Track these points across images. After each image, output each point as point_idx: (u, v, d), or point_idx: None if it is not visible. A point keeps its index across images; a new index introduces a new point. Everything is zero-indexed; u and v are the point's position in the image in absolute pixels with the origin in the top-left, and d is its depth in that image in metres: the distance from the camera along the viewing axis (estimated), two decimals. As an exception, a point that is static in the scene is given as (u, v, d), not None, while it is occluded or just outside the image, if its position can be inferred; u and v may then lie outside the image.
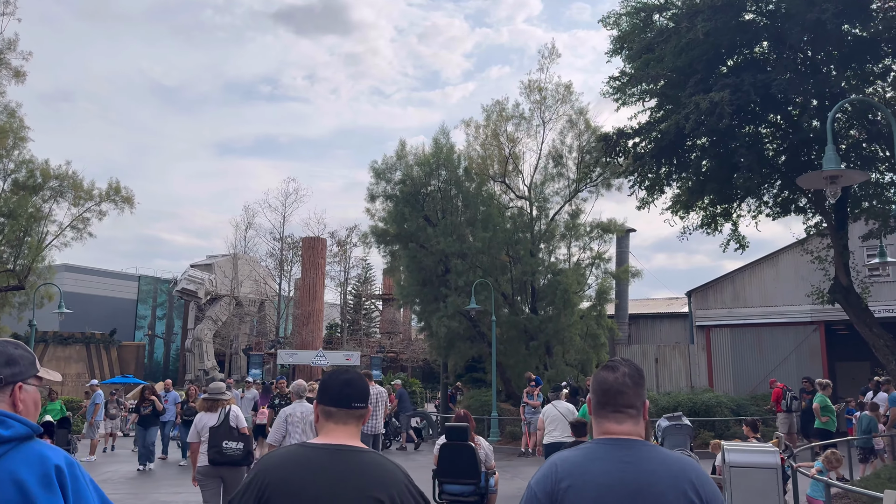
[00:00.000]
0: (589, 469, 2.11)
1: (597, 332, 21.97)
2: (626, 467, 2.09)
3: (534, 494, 2.13)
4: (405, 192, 22.07)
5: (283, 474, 2.20)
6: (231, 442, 7.47)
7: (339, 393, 2.41)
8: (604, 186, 23.77)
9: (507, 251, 23.44)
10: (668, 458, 2.14)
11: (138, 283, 66.35)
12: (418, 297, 23.19)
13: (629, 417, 2.19)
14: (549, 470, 2.17)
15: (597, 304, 22.66)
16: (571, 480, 2.09)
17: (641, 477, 2.07)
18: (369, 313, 68.14)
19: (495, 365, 21.40)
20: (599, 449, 2.16)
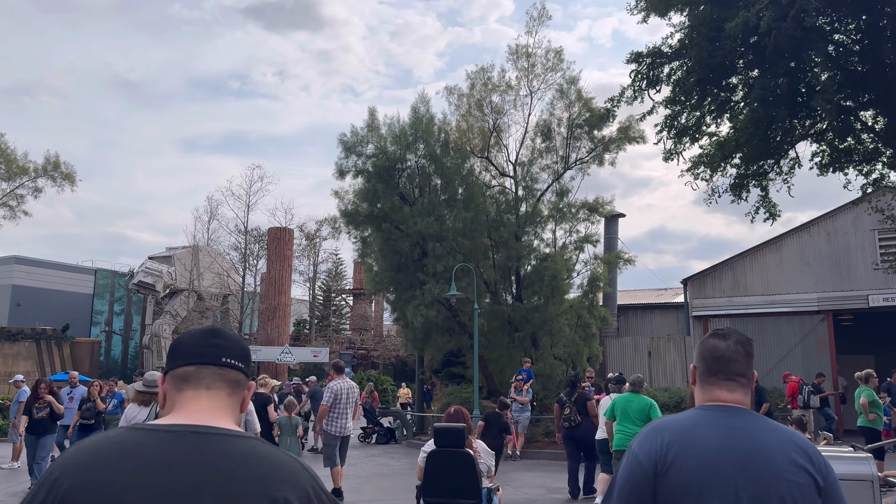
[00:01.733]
0: (697, 433, 1.99)
1: (588, 321, 20.01)
2: (736, 433, 1.98)
3: (636, 459, 2.00)
4: (378, 166, 19.86)
5: (91, 474, 1.34)
6: None
7: (201, 343, 1.60)
8: (595, 162, 21.85)
9: (490, 234, 21.39)
10: (778, 427, 2.05)
11: (95, 276, 63.06)
12: (392, 285, 21.02)
13: (740, 386, 2.12)
14: (653, 433, 2.03)
15: (588, 292, 20.70)
16: (679, 445, 1.96)
17: (752, 443, 1.96)
18: (339, 309, 65.73)
19: (477, 358, 19.34)
20: (707, 415, 2.06)
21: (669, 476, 1.95)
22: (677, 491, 1.94)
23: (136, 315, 62.90)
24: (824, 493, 1.97)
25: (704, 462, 1.93)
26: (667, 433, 2.01)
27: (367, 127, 20.09)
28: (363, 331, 56.77)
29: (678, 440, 1.98)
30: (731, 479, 1.92)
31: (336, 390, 11.24)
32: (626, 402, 9.15)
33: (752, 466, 1.92)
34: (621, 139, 21.22)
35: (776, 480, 1.92)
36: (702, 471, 1.93)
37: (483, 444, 6.63)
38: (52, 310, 58.19)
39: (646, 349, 23.06)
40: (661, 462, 1.96)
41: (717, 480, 1.92)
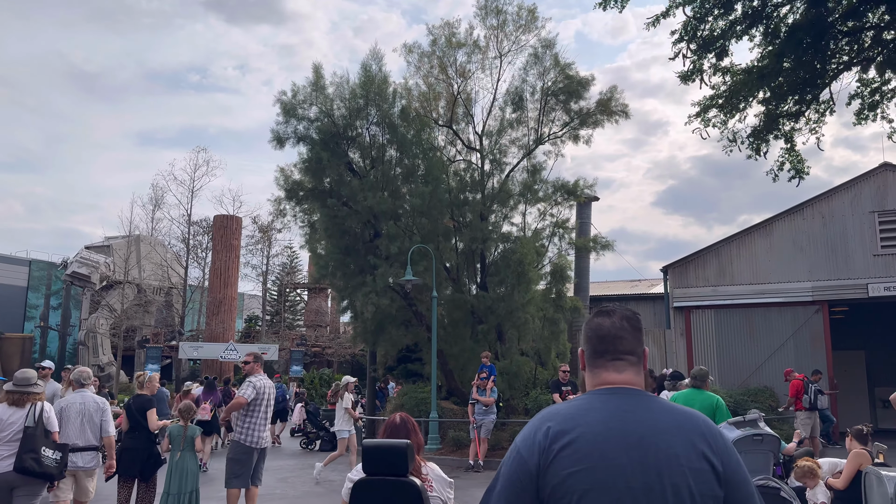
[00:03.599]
0: (583, 420, 1.84)
1: (555, 316, 17.72)
2: (626, 416, 1.84)
3: (518, 454, 1.85)
4: (323, 131, 17.22)
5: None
6: (49, 450, 6.31)
7: None
8: (570, 137, 19.59)
9: (452, 214, 18.96)
10: (675, 408, 1.90)
11: (29, 267, 58.82)
12: (340, 270, 18.41)
13: (630, 365, 2.00)
14: (536, 424, 1.89)
15: (552, 283, 18.41)
16: (564, 434, 1.81)
17: (643, 427, 1.82)
18: (294, 305, 62.68)
19: (436, 353, 16.91)
20: (595, 399, 1.92)
21: (553, 469, 1.79)
22: (561, 485, 1.77)
23: (74, 310, 58.86)
24: (724, 479, 1.81)
25: (591, 450, 1.79)
26: (552, 422, 1.86)
27: (310, 86, 17.44)
28: (318, 327, 53.88)
29: (563, 429, 1.83)
30: (620, 468, 1.77)
31: (259, 387, 8.72)
32: (687, 401, 7.08)
33: (643, 452, 1.78)
34: (601, 111, 19.00)
35: (669, 466, 1.78)
36: (588, 460, 1.78)
37: (436, 468, 4.14)
38: (-20, 303, 53.94)
39: (622, 344, 20.98)
40: (544, 454, 1.81)
41: (604, 470, 1.77)
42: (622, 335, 2.01)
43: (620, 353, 1.99)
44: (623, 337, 2.01)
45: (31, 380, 6.59)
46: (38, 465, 6.18)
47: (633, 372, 1.98)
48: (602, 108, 19.00)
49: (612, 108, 18.95)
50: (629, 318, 2.06)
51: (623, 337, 2.01)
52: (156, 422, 8.59)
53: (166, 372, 46.18)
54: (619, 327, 2.02)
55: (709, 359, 19.17)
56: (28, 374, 6.68)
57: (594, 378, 2.00)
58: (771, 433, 6.26)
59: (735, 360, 19.04)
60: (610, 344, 2.00)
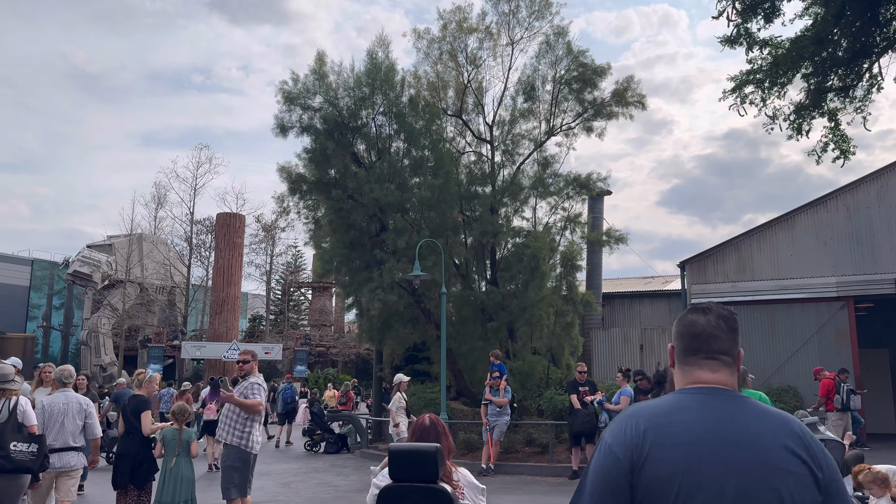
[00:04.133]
0: (677, 419, 1.77)
1: (564, 309, 16.95)
2: (720, 417, 1.77)
3: (609, 450, 1.78)
4: (328, 120, 16.53)
5: None
6: (21, 443, 6.07)
7: None
8: (583, 129, 18.88)
9: (461, 208, 18.26)
10: (770, 411, 1.83)
11: (31, 267, 58.30)
12: (344, 265, 17.73)
13: (724, 366, 1.91)
14: (627, 421, 1.81)
15: (563, 276, 17.65)
16: (655, 432, 1.74)
17: (739, 429, 1.75)
18: (298, 304, 62.07)
19: (445, 352, 16.21)
20: (687, 398, 1.84)
21: (647, 468, 1.72)
22: (656, 485, 1.71)
23: (77, 309, 58.32)
24: (823, 485, 1.74)
25: (685, 452, 1.72)
26: (642, 419, 1.80)
27: (313, 74, 16.75)
28: (322, 326, 53.27)
29: (655, 427, 1.77)
30: (714, 471, 1.71)
31: (266, 389, 8.13)
32: None
33: (739, 455, 1.72)
34: (616, 102, 18.28)
35: (767, 470, 1.71)
36: (682, 462, 1.71)
37: (468, 473, 3.66)
38: (-18, 303, 53.44)
39: (637, 342, 20.21)
40: (638, 452, 1.74)
41: (699, 472, 1.70)
42: (717, 334, 1.92)
43: (715, 353, 1.91)
44: (718, 336, 1.92)
45: (7, 375, 6.40)
46: (7, 462, 5.99)
47: (727, 373, 1.91)
48: (617, 98, 18.28)
49: (627, 98, 18.23)
50: (726, 318, 1.96)
51: (718, 336, 1.92)
52: (150, 425, 7.92)
53: (169, 372, 45.59)
54: (714, 326, 1.93)
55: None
56: (5, 370, 6.46)
57: (686, 376, 1.93)
58: (835, 438, 5.60)
59: (756, 358, 18.29)
60: (704, 342, 1.92)
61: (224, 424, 8.00)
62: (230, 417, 7.96)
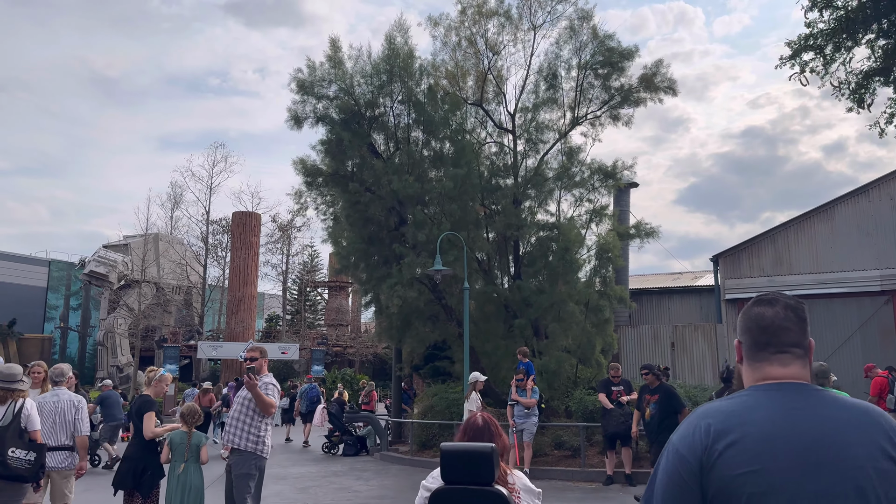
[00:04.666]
0: (749, 418, 1.69)
1: (600, 304, 16.11)
2: (796, 413, 1.68)
3: (677, 453, 1.71)
4: (344, 109, 15.86)
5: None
6: (20, 450, 5.85)
7: None
8: (610, 119, 18.08)
9: (483, 200, 17.54)
10: (851, 403, 1.71)
11: (49, 268, 58.30)
12: (363, 261, 17.08)
13: (796, 358, 1.80)
14: (696, 422, 1.74)
15: (598, 268, 16.78)
16: (727, 433, 1.67)
17: (818, 425, 1.65)
18: (314, 304, 61.63)
19: (468, 350, 15.49)
20: (759, 395, 1.75)
21: (718, 469, 1.65)
22: (728, 487, 1.64)
23: (94, 310, 58.26)
24: None
25: (760, 451, 1.64)
26: (712, 420, 1.72)
27: (328, 61, 16.10)
28: (339, 326, 52.73)
29: (726, 428, 1.69)
30: (793, 469, 1.62)
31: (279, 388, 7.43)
32: None
33: (819, 452, 1.62)
34: (645, 87, 17.46)
35: (851, 469, 1.60)
36: (757, 461, 1.63)
37: (524, 476, 3.40)
38: (1, 304, 53.45)
39: (668, 339, 19.36)
40: (707, 455, 1.67)
41: (776, 472, 1.62)
42: (787, 325, 1.82)
43: (785, 346, 1.81)
44: (788, 328, 1.81)
45: (16, 376, 6.15)
46: (3, 468, 5.79)
47: (799, 365, 1.81)
48: (646, 83, 17.46)
49: (656, 83, 17.41)
50: (794, 308, 1.85)
51: (788, 328, 1.81)
52: (152, 428, 7.26)
53: (185, 372, 45.26)
54: (783, 317, 1.82)
55: (764, 355, 17.57)
56: (13, 370, 6.22)
57: (755, 372, 1.84)
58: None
59: (794, 356, 17.42)
60: (773, 335, 1.81)
61: (235, 428, 7.24)
62: (242, 420, 7.24)
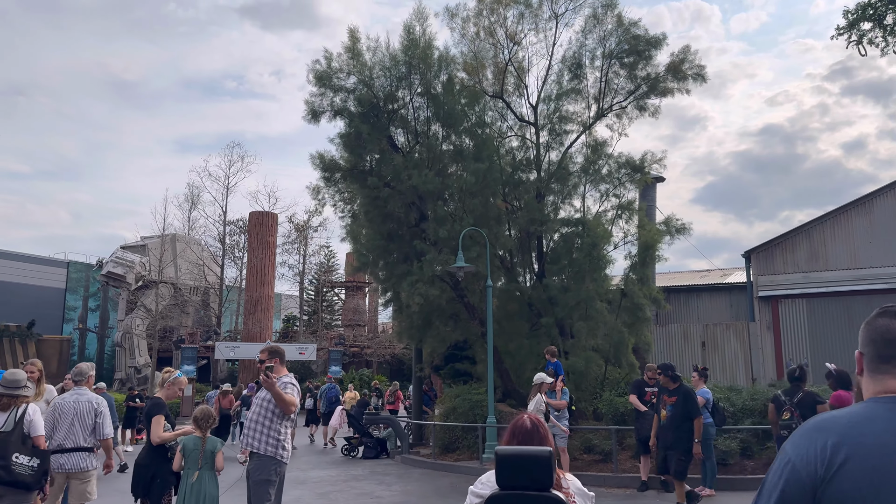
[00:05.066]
0: (870, 430, 1.62)
1: (641, 302, 15.46)
2: None
3: (790, 465, 1.64)
4: (362, 102, 15.38)
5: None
6: (24, 456, 5.65)
7: None
8: (636, 109, 17.46)
9: (504, 195, 16.99)
10: None
11: (67, 269, 58.46)
12: (382, 258, 16.59)
13: None
14: (812, 433, 1.67)
15: (638, 264, 16.11)
16: (846, 447, 1.60)
17: None
18: (331, 304, 61.34)
19: (491, 350, 14.95)
20: (879, 407, 1.69)
21: (835, 485, 1.58)
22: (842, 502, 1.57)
23: (112, 311, 58.32)
24: None
25: (880, 465, 1.57)
26: (830, 433, 1.66)
27: (346, 52, 15.62)
28: (356, 326, 52.34)
29: (846, 441, 1.62)
30: None
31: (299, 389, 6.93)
32: None
33: None
34: (673, 75, 16.82)
35: None
36: (878, 477, 1.56)
37: (576, 480, 3.28)
38: (20, 305, 53.58)
39: (698, 338, 18.68)
40: (824, 469, 1.60)
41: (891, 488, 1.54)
42: None
43: None
44: None
45: (20, 382, 5.98)
46: (6, 474, 5.63)
47: None
48: (673, 71, 16.82)
49: (685, 71, 16.77)
50: None
51: None
52: (159, 432, 6.80)
53: (203, 373, 45.09)
54: None
55: (800, 354, 16.86)
56: (17, 376, 6.06)
57: (876, 385, 1.77)
58: None
59: (831, 355, 16.64)
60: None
61: (253, 431, 6.70)
62: (261, 423, 6.71)
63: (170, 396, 7.21)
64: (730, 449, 11.97)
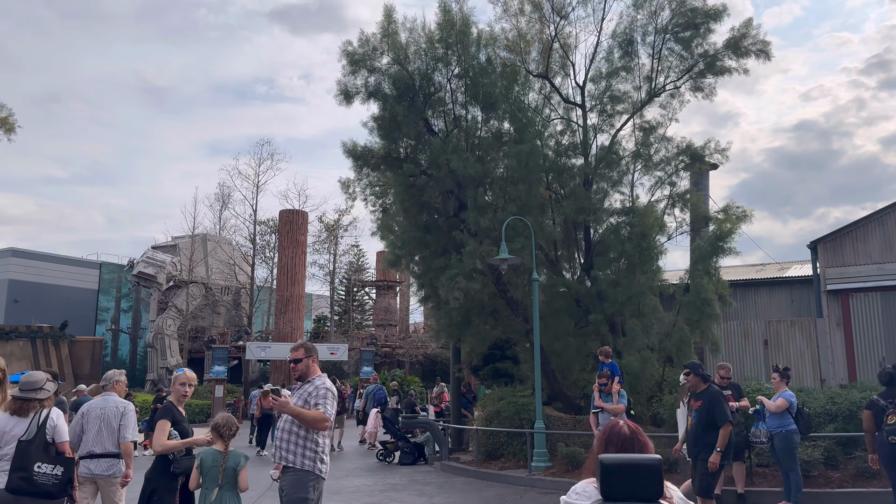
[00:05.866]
0: None
1: (709, 296, 14.09)
2: None
3: None
4: (397, 80, 14.32)
5: None
6: (46, 465, 5.41)
7: None
8: (691, 91, 16.15)
9: (548, 183, 15.81)
10: None
11: (100, 270, 58.54)
12: (418, 251, 15.52)
13: None
14: None
15: (710, 254, 14.69)
16: None
17: None
18: (362, 304, 60.59)
19: (538, 349, 13.79)
20: None
21: None
22: None
23: (144, 312, 58.25)
24: None
25: None
26: None
27: (381, 32, 14.59)
28: (387, 326, 51.47)
29: None
30: None
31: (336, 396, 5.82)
32: None
33: None
34: (734, 51, 15.49)
35: None
36: None
37: (677, 489, 2.79)
38: (53, 306, 53.75)
39: (760, 336, 17.29)
40: None
41: None
42: None
43: None
44: None
45: (37, 384, 5.71)
46: (27, 484, 5.38)
47: None
48: (733, 47, 15.47)
49: (745, 47, 15.41)
50: None
51: None
52: (162, 440, 5.90)
53: (235, 373, 44.56)
54: None
55: (874, 351, 15.41)
56: (35, 378, 5.78)
57: None
58: None
59: (911, 354, 15.22)
60: None
61: (287, 442, 5.58)
62: (295, 432, 5.61)
63: (178, 398, 6.29)
64: (812, 459, 10.66)
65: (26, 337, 47.56)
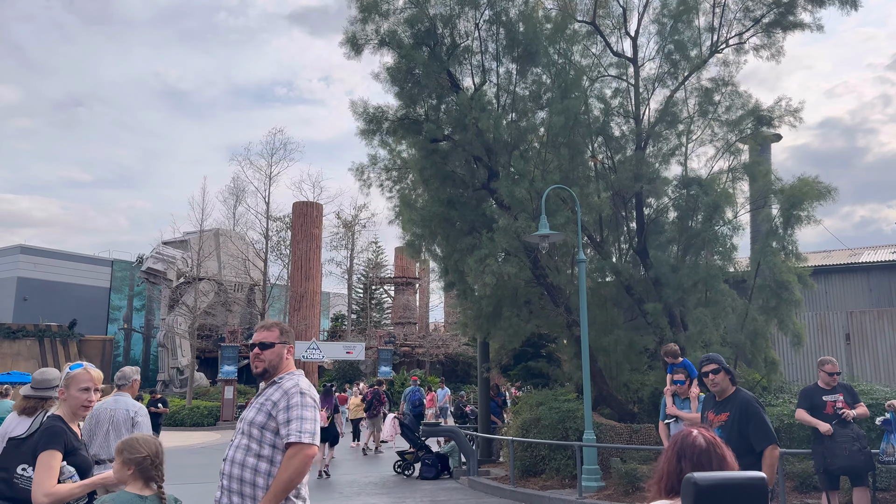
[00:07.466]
0: None
1: (785, 278, 11.69)
2: None
3: None
4: (415, 22, 12.03)
5: None
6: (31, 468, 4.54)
7: None
8: (758, 45, 13.74)
9: (594, 150, 13.47)
10: None
11: (111, 268, 56.97)
12: (441, 230, 13.22)
13: None
14: None
15: (780, 228, 12.32)
16: None
17: None
18: (380, 302, 58.50)
19: (587, 345, 11.43)
20: None
21: None
22: None
23: (157, 310, 56.60)
24: None
25: None
26: None
27: (397, -34, 12.33)
28: (406, 324, 49.25)
29: None
30: None
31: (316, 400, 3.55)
32: None
33: None
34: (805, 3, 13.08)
35: None
36: None
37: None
38: (64, 305, 52.19)
39: (840, 330, 14.80)
40: None
41: None
42: None
43: None
44: None
45: (50, 382, 4.84)
46: (6, 487, 4.47)
47: None
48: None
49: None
50: None
51: None
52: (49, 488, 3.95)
53: (246, 373, 42.61)
54: None
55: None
56: (49, 375, 4.92)
57: None
58: None
59: None
60: None
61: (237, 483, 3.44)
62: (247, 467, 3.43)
63: (74, 410, 4.22)
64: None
65: (34, 336, 46.07)
